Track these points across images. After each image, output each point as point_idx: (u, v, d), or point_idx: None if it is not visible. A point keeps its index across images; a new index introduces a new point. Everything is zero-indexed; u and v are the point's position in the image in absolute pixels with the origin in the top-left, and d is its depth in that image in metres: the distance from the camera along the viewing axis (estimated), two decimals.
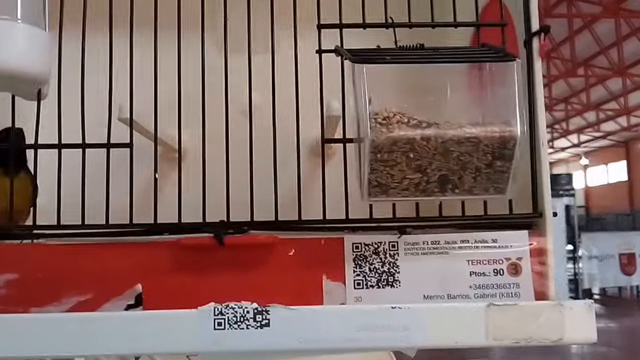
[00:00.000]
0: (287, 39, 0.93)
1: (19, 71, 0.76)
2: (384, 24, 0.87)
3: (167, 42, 0.91)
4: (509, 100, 0.75)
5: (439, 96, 0.77)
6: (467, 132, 0.74)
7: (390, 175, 0.76)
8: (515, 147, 0.75)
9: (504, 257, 0.84)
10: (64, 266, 0.83)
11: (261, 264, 0.84)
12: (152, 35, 0.89)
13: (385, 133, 0.74)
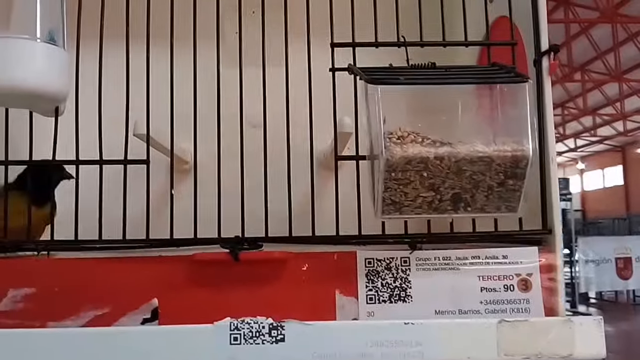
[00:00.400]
0: (297, 53, 0.94)
1: (39, 90, 0.78)
2: (396, 43, 0.88)
3: (176, 56, 0.92)
4: (520, 120, 0.77)
5: (452, 115, 0.79)
6: (480, 151, 0.75)
7: (404, 193, 0.77)
8: (527, 166, 0.76)
9: (514, 273, 0.85)
10: (81, 280, 0.84)
11: (275, 279, 0.85)
12: (163, 50, 0.91)
13: (399, 152, 0.75)
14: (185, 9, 0.92)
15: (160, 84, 0.91)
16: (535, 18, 0.89)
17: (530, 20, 0.92)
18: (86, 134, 0.85)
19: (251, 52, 0.93)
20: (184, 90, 0.91)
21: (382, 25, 0.91)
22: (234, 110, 0.91)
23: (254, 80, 0.91)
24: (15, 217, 0.86)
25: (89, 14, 0.89)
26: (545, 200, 0.86)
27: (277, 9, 0.94)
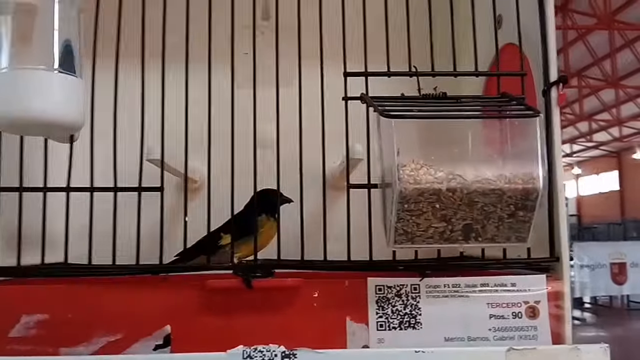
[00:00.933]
0: (303, 75, 0.94)
1: (57, 120, 0.78)
2: (408, 73, 0.89)
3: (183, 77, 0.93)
4: (531, 153, 0.78)
5: (463, 147, 0.80)
6: (491, 184, 0.77)
7: (417, 224, 0.78)
8: (538, 199, 0.77)
9: (522, 301, 0.86)
10: (94, 306, 0.84)
11: (287, 305, 0.86)
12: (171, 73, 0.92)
13: (413, 184, 0.76)
14: (193, 31, 0.93)
15: (168, 106, 0.92)
16: (545, 49, 0.90)
17: (536, 48, 0.93)
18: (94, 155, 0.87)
19: (258, 73, 0.94)
20: (193, 111, 0.92)
21: (392, 47, 0.93)
22: (240, 130, 0.92)
23: (261, 102, 0.93)
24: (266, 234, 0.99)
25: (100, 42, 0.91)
26: (553, 228, 0.88)
27: (285, 31, 0.95)
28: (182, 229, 0.90)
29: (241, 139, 0.92)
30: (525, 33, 0.93)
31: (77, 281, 0.86)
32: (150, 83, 0.91)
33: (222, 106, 0.92)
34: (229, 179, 0.90)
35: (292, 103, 0.93)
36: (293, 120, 0.94)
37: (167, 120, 0.92)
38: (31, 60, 0.78)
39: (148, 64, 0.91)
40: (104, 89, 0.89)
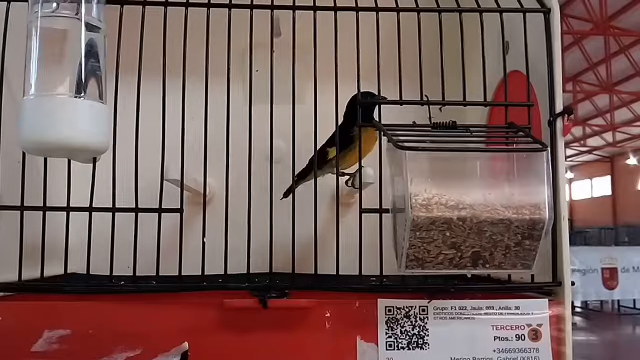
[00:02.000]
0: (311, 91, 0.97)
1: (82, 146, 0.81)
2: (419, 102, 0.93)
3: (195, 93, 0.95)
4: (538, 184, 0.82)
5: (473, 177, 0.83)
6: (500, 214, 0.80)
7: (427, 250, 0.82)
8: (544, 228, 0.81)
9: (525, 323, 0.90)
10: (114, 322, 0.87)
11: (300, 325, 0.89)
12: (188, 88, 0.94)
13: (425, 213, 0.80)
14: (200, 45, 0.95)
15: (177, 121, 0.94)
16: (551, 80, 0.94)
17: (541, 76, 0.96)
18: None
19: (268, 90, 0.97)
20: (198, 125, 0.95)
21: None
22: (245, 145, 0.95)
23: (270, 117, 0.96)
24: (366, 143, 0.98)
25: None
26: (556, 254, 0.91)
27: (296, 49, 0.98)
28: (193, 243, 0.93)
29: (246, 154, 0.95)
30: (531, 61, 0.96)
31: (98, 298, 0.89)
32: (153, 101, 0.94)
33: (228, 121, 0.95)
34: (238, 192, 0.93)
35: (301, 120, 0.96)
36: (301, 137, 0.97)
37: (176, 135, 0.94)
38: (58, 86, 0.81)
39: (149, 81, 0.94)
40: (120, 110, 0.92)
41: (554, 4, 0.96)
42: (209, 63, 0.95)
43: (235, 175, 0.96)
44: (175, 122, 0.94)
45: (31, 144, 0.81)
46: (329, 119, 0.97)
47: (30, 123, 0.79)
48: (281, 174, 1.03)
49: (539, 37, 0.98)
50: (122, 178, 0.91)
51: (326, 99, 0.96)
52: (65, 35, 0.83)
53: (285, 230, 0.95)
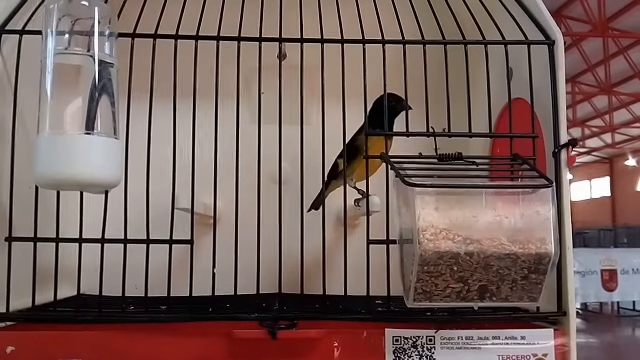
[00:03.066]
0: (320, 114, 0.99)
1: (95, 182, 0.83)
2: (426, 134, 0.94)
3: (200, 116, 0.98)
4: (544, 217, 0.83)
5: (480, 211, 0.84)
6: (506, 249, 0.82)
7: (435, 284, 0.83)
8: (550, 263, 0.82)
9: (531, 354, 0.91)
10: (126, 352, 0.89)
11: (309, 355, 0.90)
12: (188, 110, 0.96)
13: (433, 249, 0.81)
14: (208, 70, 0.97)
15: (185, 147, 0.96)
16: (555, 112, 0.95)
17: (544, 104, 0.97)
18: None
19: (275, 111, 0.98)
20: (206, 150, 0.96)
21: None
22: (251, 166, 0.97)
23: (276, 138, 0.97)
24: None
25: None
26: (561, 285, 0.92)
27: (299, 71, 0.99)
28: (202, 261, 0.95)
29: (251, 175, 0.97)
30: (535, 88, 0.98)
31: (109, 328, 0.91)
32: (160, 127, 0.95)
33: (238, 145, 0.98)
34: (244, 214, 0.97)
35: (307, 141, 0.98)
36: (307, 157, 0.99)
37: (184, 161, 0.96)
38: (72, 123, 0.82)
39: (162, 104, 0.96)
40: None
41: (558, 36, 0.97)
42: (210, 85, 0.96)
43: (241, 196, 0.97)
44: (184, 148, 0.95)
45: (45, 180, 0.82)
46: (335, 140, 0.99)
47: (45, 161, 0.80)
48: (287, 195, 1.04)
49: (543, 66, 0.99)
50: (132, 200, 0.93)
51: (333, 121, 0.98)
52: (79, 72, 0.84)
53: (292, 251, 0.97)
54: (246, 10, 1.04)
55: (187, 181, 0.95)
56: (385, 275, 0.93)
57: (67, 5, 0.86)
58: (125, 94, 0.92)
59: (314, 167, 1.00)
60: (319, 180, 1.01)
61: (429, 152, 0.95)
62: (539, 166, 0.94)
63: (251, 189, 0.97)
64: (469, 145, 1.04)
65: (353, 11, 1.06)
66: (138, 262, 0.92)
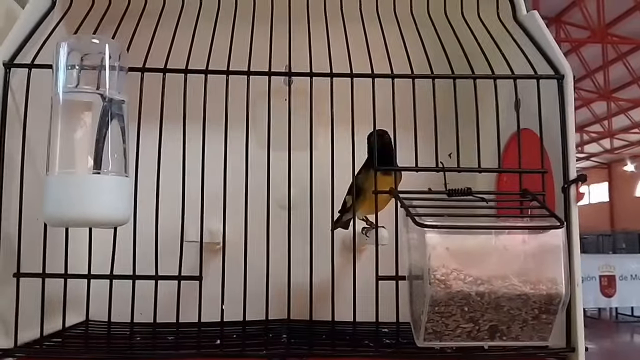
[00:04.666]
0: (325, 139, 1.00)
1: (106, 221, 0.83)
2: (435, 168, 0.94)
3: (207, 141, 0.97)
4: (554, 259, 0.83)
5: (490, 250, 0.84)
6: (517, 289, 0.81)
7: (445, 324, 0.83)
8: (560, 303, 0.82)
9: None
10: None
11: None
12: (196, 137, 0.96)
13: (444, 289, 0.81)
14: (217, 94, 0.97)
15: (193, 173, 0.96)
16: (564, 146, 0.95)
17: (552, 136, 0.97)
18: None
19: (281, 137, 0.98)
20: (211, 177, 0.96)
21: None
22: (257, 192, 0.97)
23: (283, 164, 0.97)
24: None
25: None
26: (569, 320, 0.92)
27: (305, 97, 0.99)
28: (209, 284, 0.94)
29: (257, 201, 0.97)
30: (543, 121, 0.98)
31: None
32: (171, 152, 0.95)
33: (247, 171, 0.97)
34: (251, 240, 0.97)
35: (314, 167, 0.99)
36: (314, 183, 0.99)
37: (190, 187, 0.95)
38: (81, 162, 0.81)
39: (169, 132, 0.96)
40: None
41: (567, 70, 0.97)
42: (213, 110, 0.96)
43: (246, 222, 0.98)
44: (191, 172, 0.95)
45: (55, 220, 0.82)
46: (343, 165, 0.99)
47: (54, 201, 0.80)
48: (293, 222, 1.04)
49: (552, 97, 0.99)
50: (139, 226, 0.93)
51: (340, 147, 0.98)
52: (89, 108, 0.84)
53: (298, 277, 0.97)
54: (255, 36, 1.05)
55: (195, 211, 0.95)
56: (394, 301, 0.93)
57: (77, 42, 0.86)
58: (135, 123, 0.93)
59: (322, 192, 1.00)
60: (326, 205, 1.01)
61: (438, 181, 0.95)
62: (548, 199, 0.94)
63: (256, 215, 0.97)
64: (476, 174, 1.03)
65: (361, 41, 1.06)
66: (145, 288, 0.92)
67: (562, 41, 11.97)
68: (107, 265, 0.93)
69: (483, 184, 1.14)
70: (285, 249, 0.96)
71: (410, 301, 0.89)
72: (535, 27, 1.04)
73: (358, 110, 0.98)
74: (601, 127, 15.81)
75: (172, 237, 0.95)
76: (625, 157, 18.12)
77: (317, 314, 1.02)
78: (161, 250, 0.95)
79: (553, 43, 1.00)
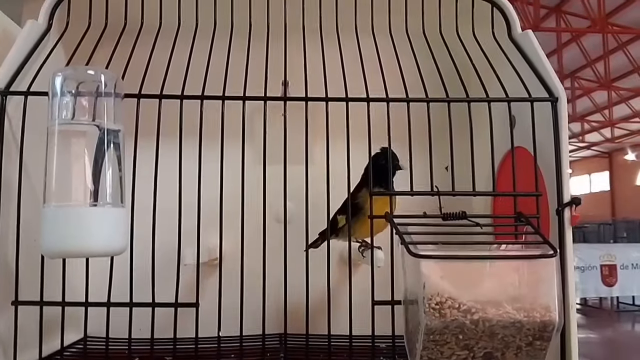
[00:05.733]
0: (324, 153, 1.01)
1: (103, 252, 0.83)
2: (430, 192, 0.94)
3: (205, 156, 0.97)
4: (548, 286, 0.84)
5: (484, 278, 0.85)
6: (511, 317, 0.82)
7: (440, 352, 0.84)
8: (554, 330, 0.83)
9: None
10: None
11: None
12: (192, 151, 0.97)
13: (438, 318, 0.81)
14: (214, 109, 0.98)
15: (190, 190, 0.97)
16: (558, 169, 0.95)
17: (546, 156, 0.97)
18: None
19: (280, 151, 0.99)
20: (208, 192, 0.97)
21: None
22: (255, 207, 0.98)
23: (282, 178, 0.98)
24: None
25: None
26: (564, 344, 0.93)
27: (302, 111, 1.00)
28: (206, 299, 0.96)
29: (257, 216, 0.98)
30: (537, 141, 0.98)
31: None
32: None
33: (243, 184, 0.98)
34: (248, 254, 0.97)
35: (311, 180, 1.00)
36: (311, 197, 0.99)
37: (190, 204, 0.96)
38: (78, 194, 0.82)
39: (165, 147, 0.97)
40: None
41: (560, 93, 0.97)
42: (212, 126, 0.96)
43: (242, 237, 0.98)
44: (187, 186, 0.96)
45: (52, 252, 0.83)
46: (339, 179, 1.00)
47: (51, 233, 0.81)
48: (291, 235, 1.05)
49: (546, 117, 0.99)
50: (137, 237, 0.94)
51: (338, 161, 0.99)
52: (84, 141, 0.84)
53: (295, 291, 0.98)
54: (251, 56, 1.06)
55: (192, 230, 0.96)
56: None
57: (72, 73, 0.87)
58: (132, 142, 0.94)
59: (319, 206, 1.01)
60: (322, 218, 1.02)
61: (433, 201, 0.96)
62: (542, 219, 0.94)
63: (255, 230, 0.97)
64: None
65: (356, 58, 1.07)
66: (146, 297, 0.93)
67: (563, 31, 11.94)
68: (106, 281, 0.93)
69: (479, 200, 1.15)
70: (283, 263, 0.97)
71: (406, 324, 0.90)
72: (530, 46, 1.04)
73: (356, 125, 0.98)
74: (602, 116, 15.78)
75: (170, 250, 0.95)
76: (626, 146, 18.10)
77: (316, 328, 1.02)
78: (159, 266, 0.95)
79: (547, 64, 1.00)
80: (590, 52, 12.97)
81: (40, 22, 1.04)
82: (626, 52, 12.57)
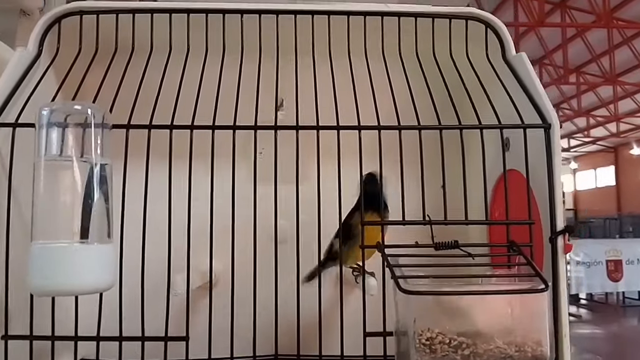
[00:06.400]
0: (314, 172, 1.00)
1: (91, 290, 0.82)
2: (422, 222, 0.93)
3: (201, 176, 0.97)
4: (539, 320, 0.83)
5: (475, 312, 0.84)
6: (502, 352, 0.82)
7: None
8: None
9: None
10: None
11: None
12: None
13: (429, 354, 0.81)
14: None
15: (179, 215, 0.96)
16: (552, 196, 0.94)
17: (539, 178, 0.97)
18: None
19: (268, 171, 0.99)
20: (198, 212, 0.97)
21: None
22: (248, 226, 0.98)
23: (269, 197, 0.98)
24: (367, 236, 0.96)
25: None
26: None
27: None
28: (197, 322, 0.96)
29: (249, 237, 0.98)
30: (531, 165, 0.97)
31: None
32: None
33: (234, 203, 0.97)
34: (239, 274, 0.96)
35: (306, 199, 0.99)
36: (305, 216, 0.99)
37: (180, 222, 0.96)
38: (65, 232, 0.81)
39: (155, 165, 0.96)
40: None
41: (554, 119, 0.96)
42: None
43: (236, 257, 0.97)
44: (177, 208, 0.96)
45: (40, 291, 0.82)
46: (335, 199, 0.99)
47: (38, 272, 0.80)
48: (286, 254, 1.04)
49: (539, 139, 0.98)
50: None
51: (331, 181, 0.99)
52: (72, 176, 0.83)
53: (287, 312, 0.98)
54: (243, 77, 1.06)
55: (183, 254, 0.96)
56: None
57: (60, 108, 0.86)
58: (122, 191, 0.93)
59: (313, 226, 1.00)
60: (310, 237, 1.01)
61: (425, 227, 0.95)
62: (536, 245, 0.94)
63: (248, 250, 0.97)
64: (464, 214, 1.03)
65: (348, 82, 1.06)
66: (136, 325, 0.93)
67: (568, 26, 11.88)
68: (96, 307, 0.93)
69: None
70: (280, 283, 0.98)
71: (398, 355, 0.90)
72: (523, 69, 1.03)
73: (349, 144, 0.98)
74: (607, 111, 15.72)
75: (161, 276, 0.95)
76: (632, 140, 18.03)
77: (306, 348, 1.02)
78: (150, 294, 0.94)
79: (540, 88, 0.99)
80: (595, 47, 12.92)
81: (30, 49, 1.03)
82: (631, 47, 12.51)
